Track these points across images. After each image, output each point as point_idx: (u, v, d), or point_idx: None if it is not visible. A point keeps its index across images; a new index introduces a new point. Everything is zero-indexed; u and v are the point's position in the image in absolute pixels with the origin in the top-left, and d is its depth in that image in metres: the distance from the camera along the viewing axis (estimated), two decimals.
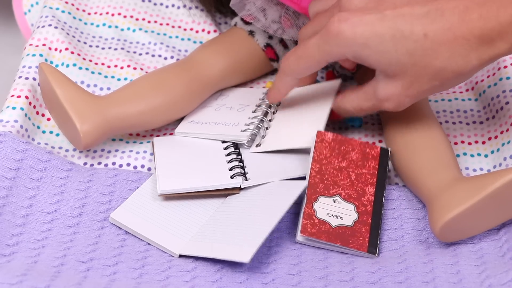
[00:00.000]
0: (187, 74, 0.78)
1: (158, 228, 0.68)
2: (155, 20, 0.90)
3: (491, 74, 0.81)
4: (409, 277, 0.64)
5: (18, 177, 0.70)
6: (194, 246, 0.66)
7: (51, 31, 0.84)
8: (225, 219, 0.68)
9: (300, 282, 0.65)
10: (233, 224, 0.67)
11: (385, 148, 0.72)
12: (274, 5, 0.78)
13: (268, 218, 0.66)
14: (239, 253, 0.63)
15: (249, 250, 0.63)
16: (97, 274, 0.64)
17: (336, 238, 0.67)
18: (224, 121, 0.77)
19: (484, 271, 0.64)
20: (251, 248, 0.63)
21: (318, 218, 0.68)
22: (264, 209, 0.67)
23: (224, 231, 0.67)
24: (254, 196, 0.70)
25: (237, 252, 0.63)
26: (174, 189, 0.70)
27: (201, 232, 0.68)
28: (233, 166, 0.72)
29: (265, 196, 0.69)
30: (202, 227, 0.68)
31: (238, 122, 0.76)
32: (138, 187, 0.72)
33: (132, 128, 0.76)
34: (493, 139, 0.77)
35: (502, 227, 0.68)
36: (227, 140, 0.75)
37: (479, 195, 0.63)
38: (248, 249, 0.63)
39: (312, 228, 0.67)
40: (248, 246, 0.63)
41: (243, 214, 0.68)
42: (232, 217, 0.68)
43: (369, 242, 0.67)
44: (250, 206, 0.69)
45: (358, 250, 0.67)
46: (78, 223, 0.69)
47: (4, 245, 0.66)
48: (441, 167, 0.69)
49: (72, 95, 0.72)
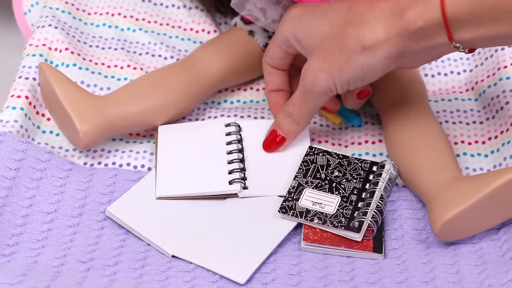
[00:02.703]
0: (187, 74, 0.78)
1: (154, 225, 0.68)
2: (155, 20, 0.90)
3: (491, 74, 0.81)
4: (409, 277, 0.64)
5: (18, 177, 0.70)
6: (188, 250, 0.66)
7: (51, 31, 0.84)
8: (222, 227, 0.68)
9: (300, 282, 0.65)
10: (230, 235, 0.67)
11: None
12: (274, 5, 0.78)
13: (268, 240, 0.66)
14: (235, 272, 0.64)
15: (245, 272, 0.64)
16: (97, 274, 0.64)
17: (339, 241, 0.67)
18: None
19: (484, 271, 0.64)
20: (248, 270, 0.64)
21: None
22: (265, 228, 0.68)
23: (220, 241, 0.67)
24: (253, 206, 0.70)
25: (233, 271, 0.64)
26: (171, 194, 0.71)
27: (196, 236, 0.68)
28: (234, 170, 0.72)
29: (265, 212, 0.69)
30: (198, 229, 0.68)
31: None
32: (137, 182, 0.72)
33: (132, 128, 0.76)
34: (493, 139, 0.77)
35: (502, 227, 0.68)
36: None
37: (479, 194, 0.63)
38: (245, 270, 0.64)
39: (314, 235, 0.67)
40: (245, 267, 0.64)
41: (241, 227, 0.68)
42: (229, 226, 0.68)
43: (374, 242, 0.67)
44: (249, 220, 0.69)
45: (364, 251, 0.67)
46: (78, 223, 0.69)
47: (4, 245, 0.66)
48: (440, 167, 0.69)
49: (72, 95, 0.72)
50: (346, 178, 0.70)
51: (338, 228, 0.66)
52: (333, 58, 0.66)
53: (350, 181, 0.70)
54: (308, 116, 0.72)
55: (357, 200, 0.69)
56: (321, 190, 0.69)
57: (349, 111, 0.81)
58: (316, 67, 0.67)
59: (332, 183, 0.70)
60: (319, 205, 0.68)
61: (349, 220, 0.67)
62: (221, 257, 0.65)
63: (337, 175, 0.71)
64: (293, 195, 0.69)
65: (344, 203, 0.68)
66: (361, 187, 0.70)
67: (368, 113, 0.82)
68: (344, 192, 0.69)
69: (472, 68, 0.85)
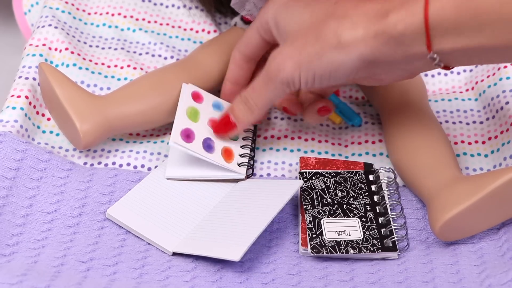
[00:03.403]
0: (187, 74, 0.78)
1: (154, 225, 0.68)
2: (155, 20, 0.90)
3: (491, 74, 0.81)
4: (409, 277, 0.64)
5: (18, 177, 0.70)
6: (187, 245, 0.67)
7: (51, 31, 0.84)
8: (219, 218, 0.68)
9: (300, 282, 0.65)
10: (227, 223, 0.67)
11: (368, 163, 0.72)
12: None
13: (260, 218, 0.66)
14: (229, 252, 0.63)
15: (239, 249, 0.63)
16: (97, 274, 0.64)
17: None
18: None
19: (484, 271, 0.64)
20: (241, 247, 0.63)
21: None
22: (257, 210, 0.67)
23: (217, 230, 0.67)
24: (249, 196, 0.70)
25: (227, 251, 0.64)
26: (180, 175, 0.72)
27: (195, 231, 0.68)
28: (244, 154, 0.72)
29: (260, 196, 0.69)
30: (197, 226, 0.69)
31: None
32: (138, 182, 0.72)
33: (132, 128, 0.76)
34: (493, 139, 0.77)
35: (502, 227, 0.68)
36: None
37: (479, 194, 0.63)
38: (238, 248, 0.63)
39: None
40: (239, 245, 0.64)
41: (237, 213, 0.68)
42: (226, 216, 0.68)
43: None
44: (244, 206, 0.69)
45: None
46: (78, 223, 0.69)
47: (4, 245, 0.66)
48: (440, 167, 0.69)
49: (72, 95, 0.72)
50: (352, 197, 0.70)
51: (375, 252, 0.66)
52: (306, 47, 0.64)
53: (356, 198, 0.70)
54: (264, 106, 0.69)
55: (375, 216, 0.68)
56: (337, 217, 0.69)
57: (349, 110, 0.81)
58: (286, 53, 0.65)
59: (342, 206, 0.69)
60: (344, 234, 0.67)
61: (380, 241, 0.67)
62: (218, 244, 0.65)
63: (342, 195, 0.70)
64: (314, 230, 0.68)
65: (365, 223, 0.68)
66: (370, 202, 0.69)
67: (368, 113, 0.82)
68: (359, 212, 0.69)
69: (472, 68, 0.85)
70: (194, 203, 0.71)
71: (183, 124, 0.72)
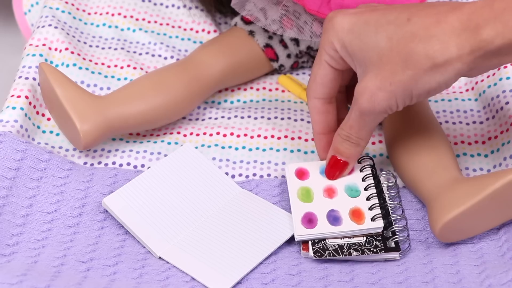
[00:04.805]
0: (187, 74, 0.78)
1: (147, 223, 0.68)
2: (155, 20, 0.90)
3: (491, 74, 0.81)
4: (409, 277, 0.65)
5: (18, 177, 0.70)
6: (175, 254, 0.66)
7: (51, 31, 0.84)
8: (214, 235, 0.68)
9: (300, 283, 0.65)
10: (220, 244, 0.67)
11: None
12: (274, 5, 0.78)
13: (256, 251, 0.66)
14: (217, 281, 0.64)
15: (227, 282, 0.63)
16: (97, 274, 0.64)
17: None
18: None
19: (484, 271, 0.64)
20: (229, 281, 0.64)
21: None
22: (255, 240, 0.67)
23: (208, 248, 0.66)
24: (249, 219, 0.69)
25: (215, 280, 0.64)
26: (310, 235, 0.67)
27: (187, 240, 0.67)
28: (372, 206, 0.68)
29: (261, 223, 0.69)
30: (189, 234, 0.68)
31: None
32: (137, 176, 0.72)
33: (132, 128, 0.76)
34: (493, 139, 0.77)
35: (502, 227, 0.68)
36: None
37: (479, 196, 0.63)
38: (227, 281, 0.64)
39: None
40: (227, 277, 0.64)
41: (233, 235, 0.68)
42: (221, 234, 0.68)
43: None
44: (242, 229, 0.68)
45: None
46: (78, 223, 0.69)
47: (4, 245, 0.66)
48: (441, 168, 0.69)
49: (72, 95, 0.72)
50: None
51: (379, 254, 0.66)
52: (396, 76, 0.61)
53: None
54: (367, 136, 0.67)
55: None
56: None
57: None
58: (374, 87, 0.62)
59: None
60: (347, 237, 0.67)
61: (383, 242, 0.66)
62: (205, 265, 0.65)
63: None
64: None
65: None
66: None
67: None
68: None
69: None
70: (191, 207, 0.70)
71: (300, 211, 0.68)
